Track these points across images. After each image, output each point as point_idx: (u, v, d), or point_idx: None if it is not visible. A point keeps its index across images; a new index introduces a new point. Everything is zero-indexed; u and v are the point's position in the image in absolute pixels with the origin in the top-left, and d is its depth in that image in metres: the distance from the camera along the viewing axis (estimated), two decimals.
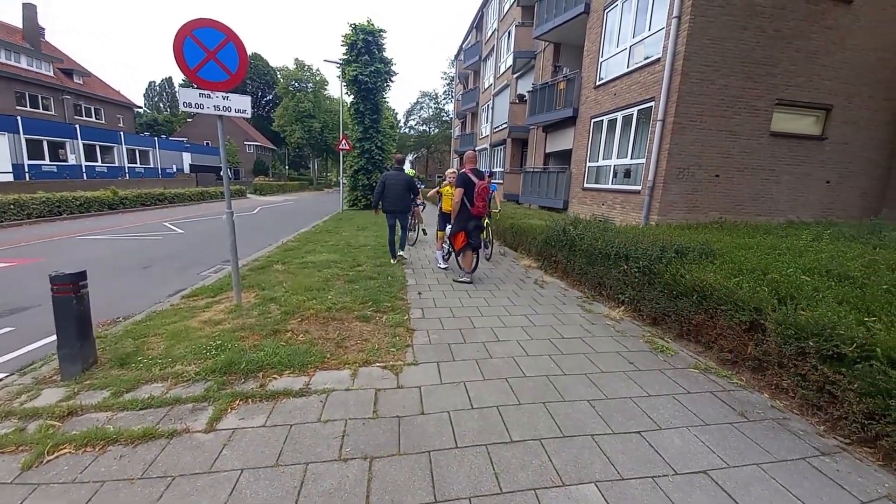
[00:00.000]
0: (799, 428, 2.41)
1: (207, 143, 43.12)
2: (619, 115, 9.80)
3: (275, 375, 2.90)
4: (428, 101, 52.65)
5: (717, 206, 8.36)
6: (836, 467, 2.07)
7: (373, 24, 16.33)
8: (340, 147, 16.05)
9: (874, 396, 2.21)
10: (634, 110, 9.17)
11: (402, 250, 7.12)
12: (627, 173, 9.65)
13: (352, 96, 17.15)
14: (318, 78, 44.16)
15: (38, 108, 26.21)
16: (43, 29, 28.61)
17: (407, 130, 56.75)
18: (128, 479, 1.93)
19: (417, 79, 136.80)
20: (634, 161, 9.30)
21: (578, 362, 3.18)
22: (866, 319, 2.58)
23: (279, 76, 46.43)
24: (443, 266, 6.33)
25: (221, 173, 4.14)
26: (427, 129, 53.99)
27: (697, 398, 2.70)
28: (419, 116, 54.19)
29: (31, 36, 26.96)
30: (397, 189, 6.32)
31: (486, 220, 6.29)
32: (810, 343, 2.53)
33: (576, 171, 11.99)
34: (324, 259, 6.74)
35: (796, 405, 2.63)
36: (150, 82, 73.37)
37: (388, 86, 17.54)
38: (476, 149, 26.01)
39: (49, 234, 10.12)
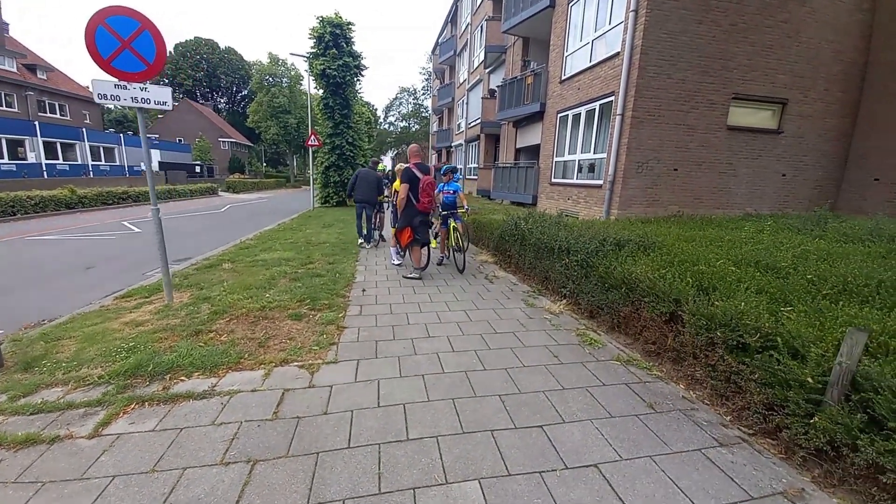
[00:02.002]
0: (704, 419, 2.41)
1: (180, 140, 41.92)
2: (583, 110, 9.84)
3: (182, 378, 2.77)
4: (407, 96, 52.18)
5: (677, 199, 8.48)
6: (731, 459, 2.07)
7: (340, 17, 16.01)
8: (309, 143, 15.72)
9: (774, 387, 2.22)
10: (597, 105, 9.21)
11: (366, 242, 7.85)
12: (591, 168, 9.71)
13: (321, 91, 16.81)
14: (293, 73, 43.29)
15: (1, 106, 24.93)
16: (7, 24, 27.19)
17: (387, 126, 56.21)
18: (1, 483, 1.85)
19: (398, 74, 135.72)
20: (597, 156, 9.36)
21: (502, 357, 3.14)
22: (782, 309, 2.61)
23: (253, 71, 45.26)
24: (396, 262, 6.24)
25: (144, 167, 3.94)
26: (407, 125, 53.55)
27: (611, 390, 2.68)
28: (398, 112, 53.68)
29: None
30: (368, 183, 7.46)
31: (454, 223, 6.10)
32: (718, 333, 2.53)
33: (543, 166, 12.02)
34: (276, 257, 6.57)
35: (707, 396, 2.64)
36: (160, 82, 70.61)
37: (358, 80, 17.25)
38: (452, 145, 25.92)
39: None
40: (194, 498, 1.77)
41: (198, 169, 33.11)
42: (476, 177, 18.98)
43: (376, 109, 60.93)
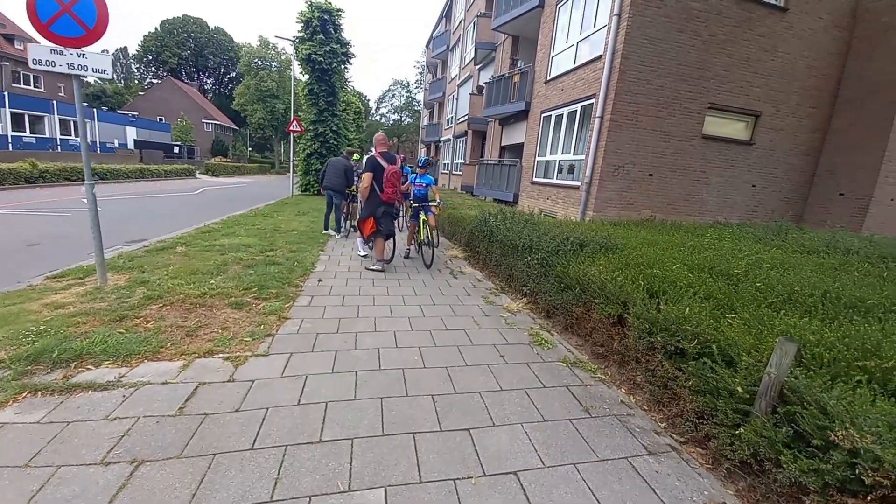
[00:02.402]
0: (638, 425, 2.33)
1: (161, 119, 40.45)
2: (566, 111, 9.79)
3: (90, 366, 2.54)
4: (400, 89, 51.63)
5: (651, 204, 8.51)
6: (656, 469, 1.99)
7: (330, 3, 15.59)
8: (291, 129, 15.30)
9: (705, 394, 2.15)
10: (578, 106, 9.17)
11: (335, 231, 7.85)
12: (571, 169, 9.68)
13: (306, 77, 16.37)
14: (283, 57, 42.24)
15: None
16: None
17: (379, 118, 55.57)
18: None
19: (396, 66, 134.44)
20: (577, 157, 9.33)
21: (446, 355, 3.01)
22: (728, 315, 2.55)
23: (242, 53, 43.98)
24: (362, 254, 6.05)
25: (79, 141, 3.64)
26: (399, 118, 53.04)
27: (550, 393, 2.58)
28: (391, 104, 53.08)
29: None
30: (336, 170, 7.38)
31: (425, 216, 5.95)
32: (658, 338, 2.45)
33: (526, 165, 11.96)
34: (237, 242, 6.29)
35: (645, 401, 2.56)
36: (103, 51, 67.34)
37: (346, 67, 16.88)
38: (441, 139, 25.71)
39: None
40: (62, 498, 1.58)
41: (176, 150, 31.98)
42: (461, 172, 18.83)
43: (369, 101, 60.18)
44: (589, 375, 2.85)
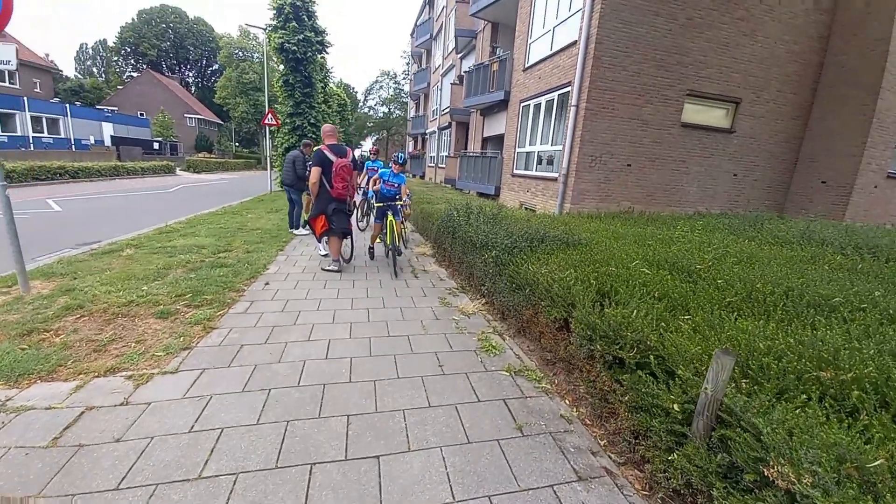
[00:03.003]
0: (574, 444, 2.11)
1: (141, 114, 39.41)
2: (543, 100, 9.50)
3: None
4: (388, 80, 50.72)
5: (629, 195, 8.30)
6: (583, 499, 1.77)
7: None
8: (266, 122, 14.83)
9: (640, 412, 1.93)
10: (556, 95, 8.89)
11: (296, 228, 7.47)
12: (550, 161, 9.43)
13: (281, 67, 15.83)
14: (266, 48, 41.16)
15: None
16: None
17: (367, 111, 54.65)
18: None
19: (384, 56, 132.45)
20: (555, 148, 9.08)
21: (379, 366, 2.77)
22: (683, 317, 2.33)
23: (221, 44, 42.83)
24: (322, 253, 5.76)
25: None
26: (388, 111, 52.19)
27: (483, 409, 2.35)
28: (378, 96, 52.18)
29: None
30: (288, 164, 6.99)
31: (391, 218, 5.40)
32: (598, 346, 2.22)
33: (506, 157, 11.69)
34: (191, 243, 5.97)
35: (588, 415, 2.34)
36: (82, 44, 64.44)
37: (323, 57, 16.38)
38: (427, 132, 25.28)
39: None
40: None
41: (156, 146, 31.14)
42: (444, 165, 18.50)
43: (357, 93, 59.12)
44: (532, 386, 2.63)
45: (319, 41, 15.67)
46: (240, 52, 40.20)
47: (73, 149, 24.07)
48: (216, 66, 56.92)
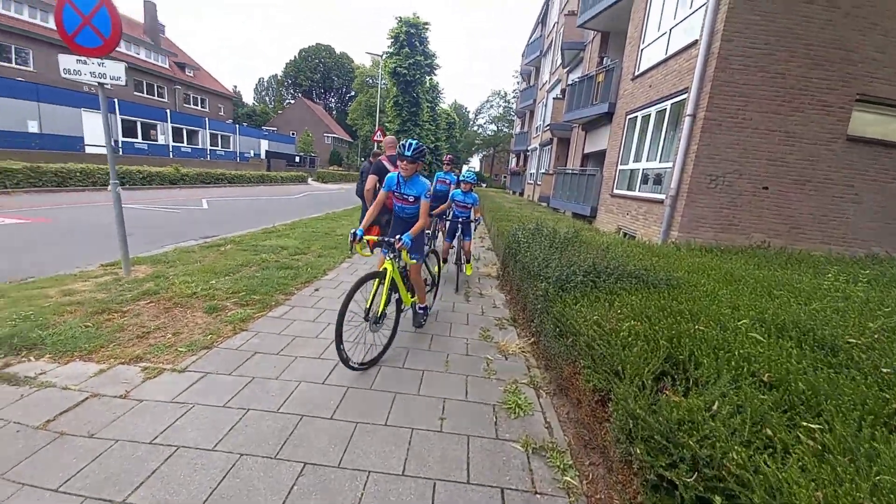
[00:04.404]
0: None
1: (293, 134, 47.15)
2: (653, 111, 8.22)
3: (31, 358, 2.61)
4: (498, 99, 51.57)
5: (764, 226, 6.51)
6: None
7: (417, 18, 16.15)
8: (375, 138, 16.09)
9: None
10: (668, 104, 7.59)
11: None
12: (657, 179, 8.07)
13: (394, 89, 17.16)
14: (382, 72, 45.84)
15: (154, 96, 30.75)
16: (163, 26, 33.55)
17: (476, 129, 56.32)
18: None
19: (499, 77, 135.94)
20: (664, 165, 7.72)
21: (372, 406, 2.38)
22: (805, 427, 1.46)
23: (356, 73, 48.93)
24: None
25: (105, 146, 3.99)
26: (497, 129, 53.00)
27: (470, 496, 1.77)
28: (488, 115, 53.36)
29: (151, 31, 31.70)
30: (361, 177, 6.66)
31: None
32: (638, 449, 1.48)
33: (607, 175, 10.47)
34: (277, 244, 6.53)
35: None
36: (260, 78, 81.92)
37: (431, 78, 17.26)
38: (529, 148, 24.65)
39: (93, 201, 11.42)
40: None
41: (297, 159, 36.79)
42: (540, 182, 17.63)
43: (468, 112, 61.53)
44: (551, 476, 1.94)
45: (428, 64, 16.60)
46: (370, 80, 45.39)
47: (238, 160, 29.90)
48: (353, 93, 65.42)
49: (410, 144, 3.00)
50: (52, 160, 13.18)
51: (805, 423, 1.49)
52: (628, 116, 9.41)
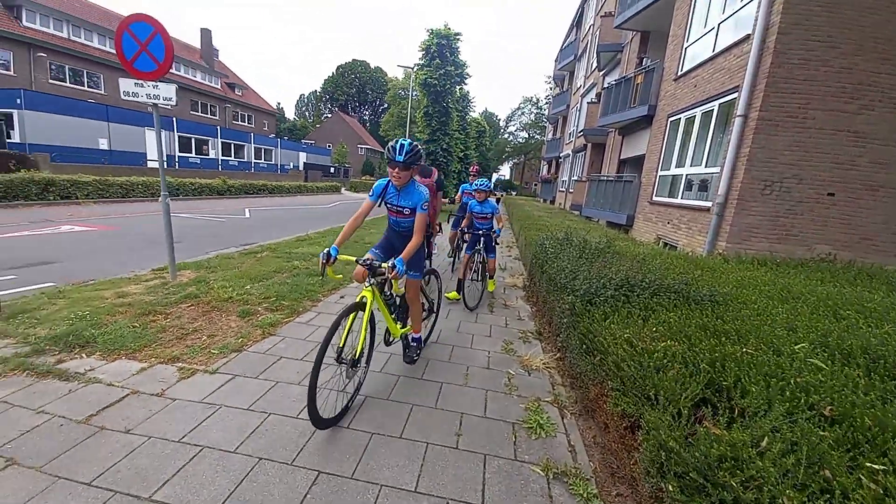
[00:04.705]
0: None
1: (328, 146, 49.15)
2: (698, 112, 7.77)
3: (83, 355, 2.82)
4: (529, 106, 51.05)
5: (829, 236, 5.92)
6: None
7: (449, 29, 16.32)
8: None
9: None
10: (715, 104, 7.15)
11: None
12: (703, 185, 7.59)
13: (425, 100, 17.42)
14: (412, 84, 46.74)
15: (207, 114, 33.19)
16: (217, 50, 36.23)
17: (507, 137, 56.01)
18: None
19: (529, 84, 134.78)
20: (710, 170, 7.26)
21: (391, 416, 2.35)
22: (870, 467, 1.28)
23: (389, 86, 50.33)
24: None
25: (152, 159, 4.30)
26: (528, 136, 52.43)
27: None
28: (519, 122, 52.94)
29: (206, 55, 34.41)
30: None
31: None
32: (670, 486, 1.33)
33: (645, 181, 9.99)
34: (309, 251, 6.76)
35: None
36: (301, 95, 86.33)
37: (462, 87, 17.36)
38: (561, 155, 24.13)
39: (152, 210, 12.38)
40: None
41: (332, 170, 38.27)
42: (572, 190, 17.15)
43: (499, 119, 61.41)
44: (574, 503, 1.81)
45: (458, 73, 16.70)
46: (402, 91, 46.52)
47: (279, 172, 31.54)
48: (386, 105, 67.31)
49: (403, 146, 2.46)
50: (119, 174, 14.51)
51: (868, 464, 1.29)
52: (670, 119, 8.95)
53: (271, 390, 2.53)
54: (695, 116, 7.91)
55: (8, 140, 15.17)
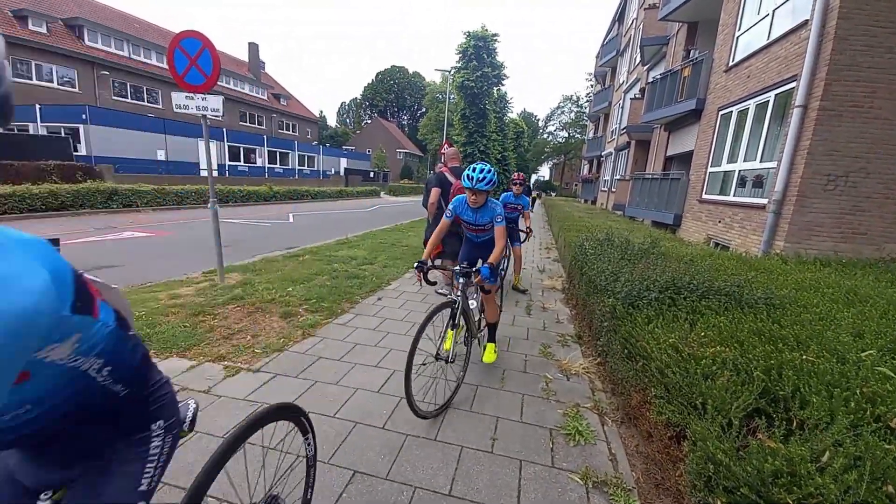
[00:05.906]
0: None
1: (368, 151, 50.63)
2: (752, 104, 7.24)
3: None
4: (570, 105, 49.78)
5: None
6: None
7: (486, 30, 16.32)
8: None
9: None
10: (771, 95, 6.63)
11: None
12: (758, 182, 7.05)
13: (462, 102, 17.50)
14: (449, 86, 46.98)
15: (254, 124, 35.30)
16: (263, 63, 38.46)
17: (546, 136, 54.99)
18: None
19: (569, 82, 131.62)
20: (766, 165, 6.74)
21: (423, 419, 2.35)
22: None
23: (427, 91, 51.02)
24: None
25: (204, 168, 4.62)
26: (568, 135, 51.14)
27: None
28: (559, 121, 51.75)
29: (254, 68, 36.63)
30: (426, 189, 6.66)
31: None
32: (718, 502, 1.23)
33: (694, 179, 9.44)
34: (348, 254, 6.95)
35: None
36: (342, 103, 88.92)
37: (500, 88, 17.29)
38: (602, 153, 23.29)
39: (204, 216, 13.23)
40: None
41: (371, 174, 39.35)
42: (615, 189, 16.48)
43: (538, 119, 60.39)
44: None
45: (496, 75, 16.64)
46: (439, 95, 47.04)
47: (321, 177, 32.87)
48: (424, 109, 68.30)
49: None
50: (174, 183, 15.74)
51: None
52: (721, 112, 8.40)
53: (309, 390, 2.62)
54: (748, 109, 7.37)
55: (75, 153, 16.83)
